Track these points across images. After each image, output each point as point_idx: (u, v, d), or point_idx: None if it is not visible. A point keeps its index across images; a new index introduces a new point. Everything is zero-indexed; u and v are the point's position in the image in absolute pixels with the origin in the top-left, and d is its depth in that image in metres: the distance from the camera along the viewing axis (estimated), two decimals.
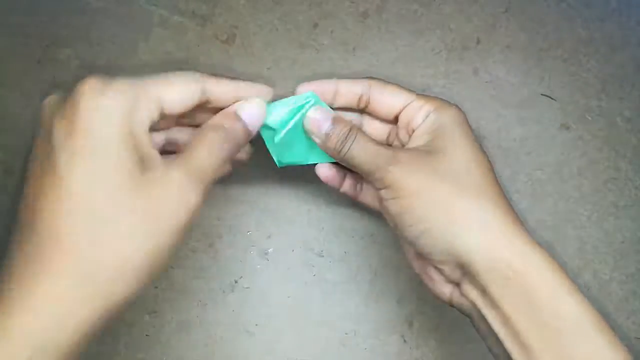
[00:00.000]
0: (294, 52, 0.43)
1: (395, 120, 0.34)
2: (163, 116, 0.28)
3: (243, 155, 0.36)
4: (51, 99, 0.27)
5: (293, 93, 0.34)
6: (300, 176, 0.42)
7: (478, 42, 0.43)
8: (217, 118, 0.31)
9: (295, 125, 0.34)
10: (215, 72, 0.31)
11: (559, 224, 0.41)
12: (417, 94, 0.33)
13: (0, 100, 0.43)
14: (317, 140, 0.33)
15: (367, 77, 0.34)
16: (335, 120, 0.32)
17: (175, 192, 0.26)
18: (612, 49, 0.43)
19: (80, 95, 0.25)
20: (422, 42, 0.43)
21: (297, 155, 0.35)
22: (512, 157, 0.42)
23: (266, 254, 0.41)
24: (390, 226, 0.32)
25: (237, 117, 0.31)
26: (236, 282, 0.41)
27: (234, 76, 0.33)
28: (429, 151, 0.31)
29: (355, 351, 0.40)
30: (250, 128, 0.31)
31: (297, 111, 0.34)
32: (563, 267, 0.28)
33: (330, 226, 0.42)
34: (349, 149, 0.31)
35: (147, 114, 0.27)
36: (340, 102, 0.34)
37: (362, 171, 0.31)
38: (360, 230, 0.42)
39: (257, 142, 0.35)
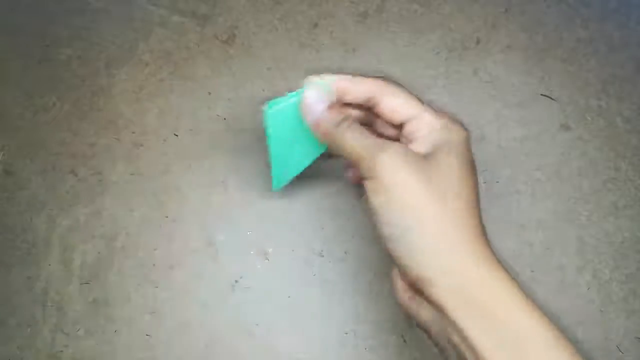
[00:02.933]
0: (294, 52, 0.43)
1: (399, 127, 0.34)
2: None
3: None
4: None
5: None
6: (300, 176, 0.42)
7: (478, 42, 0.43)
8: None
9: (289, 114, 0.33)
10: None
11: (559, 224, 0.41)
12: (427, 107, 0.32)
13: (0, 100, 0.43)
14: (310, 121, 0.33)
15: (379, 77, 0.33)
16: (331, 106, 0.32)
17: None
18: (612, 49, 0.43)
19: None
20: (422, 42, 0.43)
21: (294, 161, 0.36)
22: (512, 157, 0.42)
23: (266, 254, 0.41)
24: (370, 222, 0.32)
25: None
26: (236, 282, 0.41)
27: (234, 75, 0.33)
28: (422, 154, 0.31)
29: (355, 351, 0.40)
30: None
31: (292, 97, 0.33)
32: (521, 288, 0.28)
33: (330, 226, 0.42)
34: (342, 133, 0.31)
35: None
36: (349, 99, 0.33)
37: (353, 157, 0.31)
38: (361, 230, 0.42)
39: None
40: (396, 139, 0.34)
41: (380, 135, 0.35)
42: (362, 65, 0.42)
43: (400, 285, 0.32)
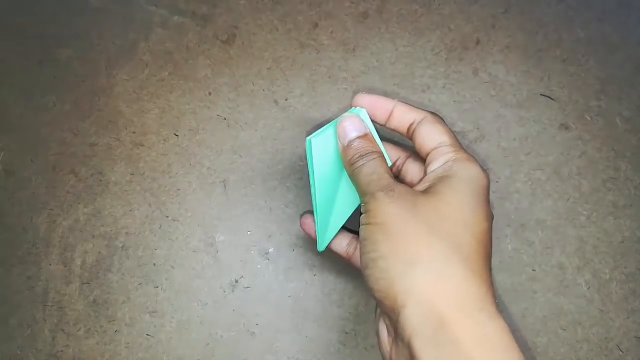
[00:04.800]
0: (294, 52, 0.43)
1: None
2: None
3: None
4: None
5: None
6: (300, 177, 0.42)
7: (478, 42, 0.43)
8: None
9: (330, 142, 0.33)
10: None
11: (559, 224, 0.41)
12: (456, 144, 0.31)
13: (0, 100, 0.43)
14: (339, 145, 0.33)
15: (428, 111, 0.33)
16: (363, 137, 0.32)
17: None
18: (611, 50, 0.43)
19: None
20: (422, 42, 0.43)
21: (335, 216, 0.35)
22: (512, 156, 0.42)
23: (266, 253, 0.41)
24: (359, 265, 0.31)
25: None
26: (237, 281, 0.41)
27: (234, 75, 0.33)
28: (424, 192, 0.30)
29: (355, 351, 0.40)
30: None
31: (330, 126, 0.33)
32: (518, 349, 0.25)
33: None
34: (360, 165, 0.31)
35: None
36: (392, 124, 0.34)
37: (359, 190, 0.31)
38: None
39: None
40: None
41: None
42: (362, 65, 0.42)
43: (384, 337, 0.30)
